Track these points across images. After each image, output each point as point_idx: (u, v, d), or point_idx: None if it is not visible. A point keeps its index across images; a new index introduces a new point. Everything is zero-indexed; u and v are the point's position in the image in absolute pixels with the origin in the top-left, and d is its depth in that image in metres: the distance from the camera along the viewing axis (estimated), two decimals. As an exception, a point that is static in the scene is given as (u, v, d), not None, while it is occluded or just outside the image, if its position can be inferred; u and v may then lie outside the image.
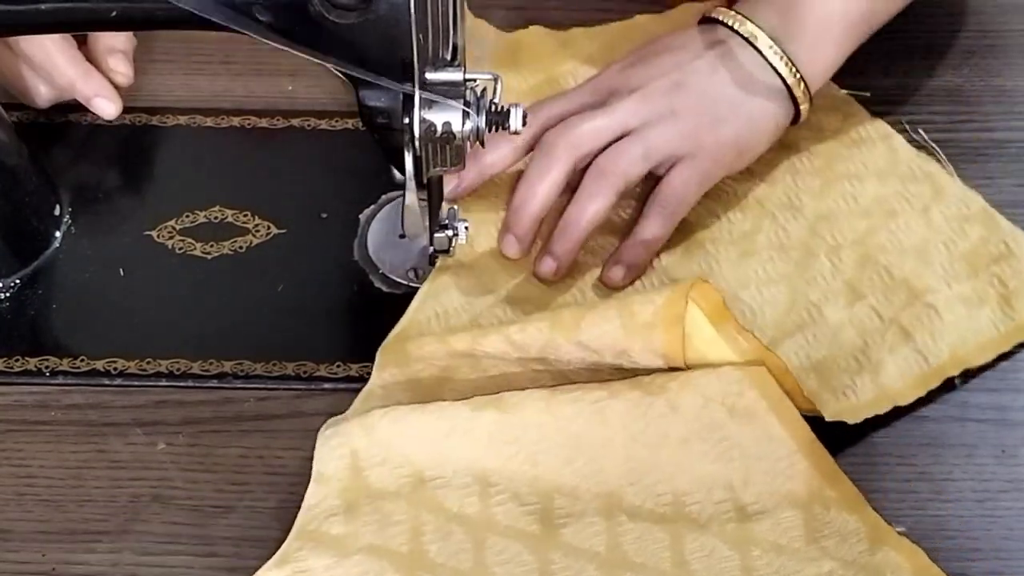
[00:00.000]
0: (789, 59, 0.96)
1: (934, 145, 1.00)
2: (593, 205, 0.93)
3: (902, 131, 1.02)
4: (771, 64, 0.96)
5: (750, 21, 0.96)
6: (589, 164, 0.94)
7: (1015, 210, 0.99)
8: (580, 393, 0.86)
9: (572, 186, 0.95)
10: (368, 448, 0.83)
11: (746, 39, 0.96)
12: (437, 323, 0.92)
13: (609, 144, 0.94)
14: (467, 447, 0.84)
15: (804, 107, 0.97)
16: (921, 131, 1.01)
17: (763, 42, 0.96)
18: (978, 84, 1.07)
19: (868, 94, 1.03)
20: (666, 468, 0.84)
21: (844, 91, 1.04)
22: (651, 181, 0.96)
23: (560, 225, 0.94)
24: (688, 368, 0.87)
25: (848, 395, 0.88)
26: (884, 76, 1.07)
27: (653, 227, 0.94)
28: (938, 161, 1.00)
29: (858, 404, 0.87)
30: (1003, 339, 0.91)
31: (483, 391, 0.87)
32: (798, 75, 0.96)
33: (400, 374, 0.88)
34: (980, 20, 1.10)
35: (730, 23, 0.97)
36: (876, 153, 1.01)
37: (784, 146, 1.00)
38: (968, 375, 0.90)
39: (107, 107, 0.99)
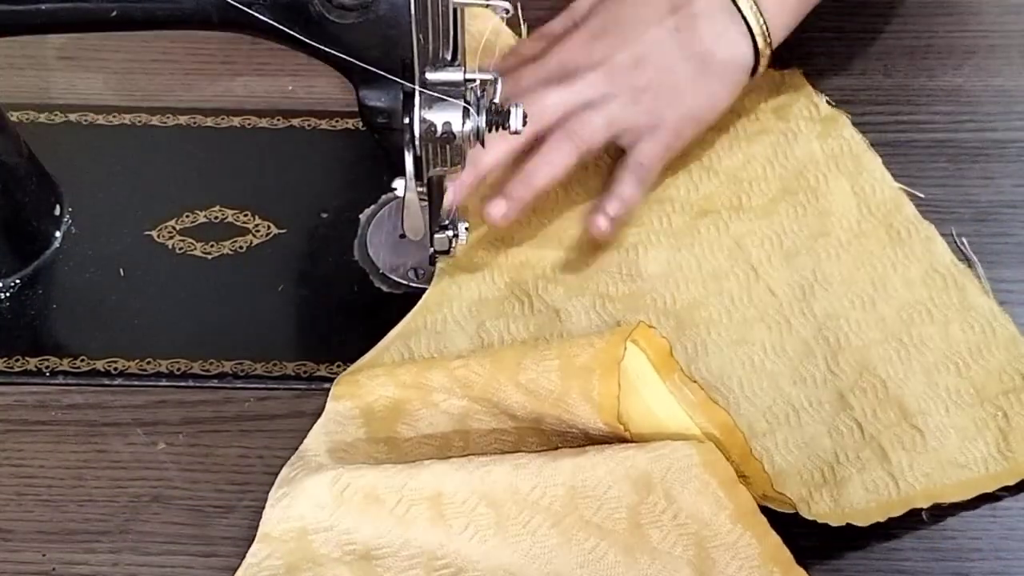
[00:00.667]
0: (759, 10, 0.97)
1: (975, 258, 0.95)
2: (556, 158, 0.94)
3: (947, 237, 0.96)
4: (742, 14, 0.97)
5: None
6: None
7: (1015, 210, 0.99)
8: (537, 471, 0.81)
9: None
10: (316, 512, 0.81)
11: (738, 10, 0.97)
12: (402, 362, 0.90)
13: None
14: (415, 521, 0.81)
15: (764, 63, 0.98)
16: (965, 241, 0.96)
17: (744, 3, 0.97)
18: (978, 84, 1.07)
19: (922, 195, 0.98)
20: (619, 554, 0.80)
21: (899, 185, 0.99)
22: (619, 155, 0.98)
23: (519, 173, 0.94)
24: (625, 427, 0.83)
25: (800, 508, 0.82)
26: (884, 76, 1.07)
27: (627, 186, 0.96)
28: (976, 276, 0.94)
29: (809, 514, 0.82)
30: (989, 479, 0.84)
31: (436, 427, 0.86)
32: (764, 27, 0.97)
33: (354, 406, 0.87)
34: (980, 20, 1.10)
35: None
36: (912, 254, 0.95)
37: (819, 233, 0.96)
38: (939, 512, 0.84)
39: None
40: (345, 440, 0.85)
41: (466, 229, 0.93)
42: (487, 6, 0.83)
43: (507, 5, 0.82)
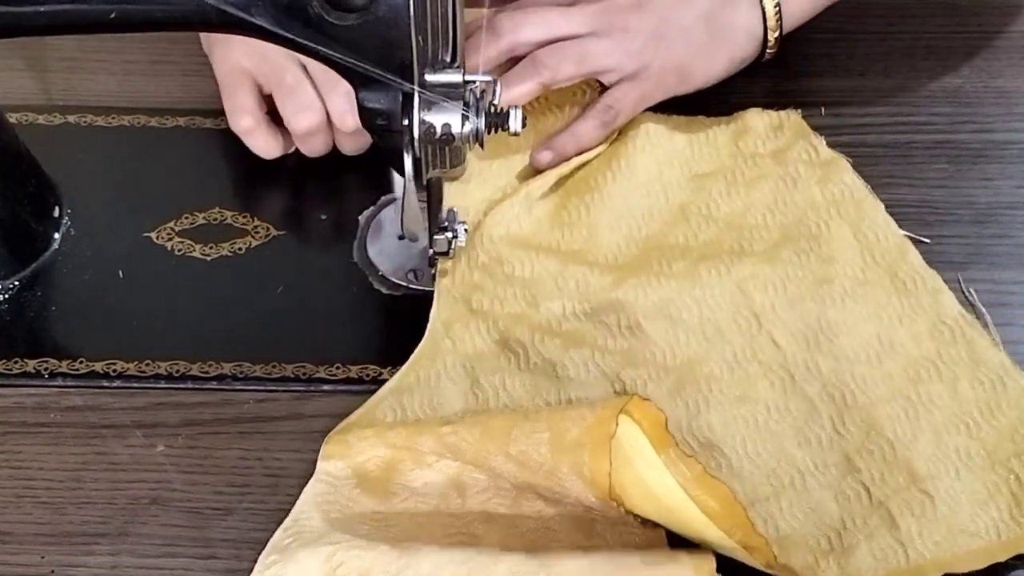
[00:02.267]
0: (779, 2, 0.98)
1: (983, 309, 0.92)
2: (516, 87, 0.96)
3: (954, 287, 0.93)
4: (761, 1, 0.98)
5: None
6: None
7: (1015, 212, 0.99)
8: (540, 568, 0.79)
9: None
10: None
11: None
12: (393, 421, 0.87)
13: (551, 43, 0.97)
14: None
15: (771, 50, 0.99)
16: (972, 291, 0.93)
17: None
18: (978, 85, 1.07)
19: (927, 240, 0.96)
20: None
21: (903, 232, 0.96)
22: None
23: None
24: (619, 502, 0.81)
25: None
26: (884, 77, 1.07)
27: (587, 126, 0.98)
28: (984, 325, 0.91)
29: None
30: (1002, 548, 0.81)
31: (432, 485, 0.84)
32: (779, 19, 0.98)
33: (345, 465, 0.84)
34: (981, 21, 1.10)
35: None
36: (919, 306, 0.91)
37: (822, 279, 0.93)
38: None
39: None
40: (339, 500, 0.83)
41: (465, 230, 0.92)
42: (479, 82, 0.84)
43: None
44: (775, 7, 0.98)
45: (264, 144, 1.00)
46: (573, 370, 0.89)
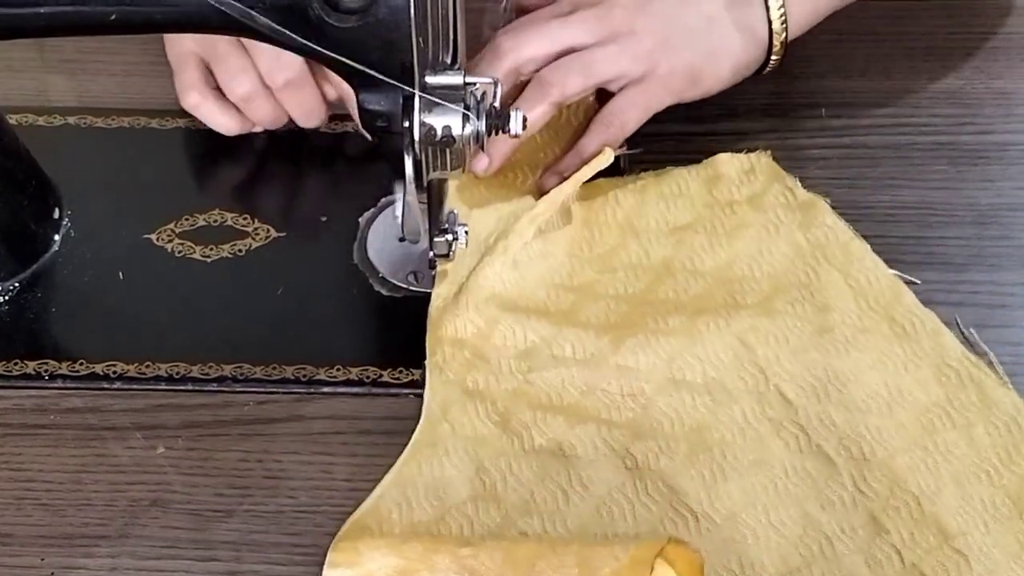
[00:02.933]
0: (784, 8, 0.97)
1: (985, 347, 0.90)
2: (529, 112, 0.92)
3: (951, 326, 0.91)
4: (767, 4, 0.97)
5: None
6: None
7: (1016, 213, 0.99)
8: None
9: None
10: None
11: None
12: (399, 516, 0.84)
13: (557, 57, 0.96)
14: None
15: (775, 59, 0.98)
16: (972, 331, 0.91)
17: None
18: (979, 86, 1.07)
19: (919, 281, 0.93)
20: None
21: (892, 272, 0.93)
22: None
23: None
24: None
25: None
26: (885, 78, 1.06)
27: (592, 143, 0.96)
28: (990, 364, 0.89)
29: None
30: None
31: None
32: (784, 23, 0.97)
33: (354, 575, 0.80)
34: (981, 22, 1.10)
35: None
36: (922, 350, 0.89)
37: (822, 329, 0.90)
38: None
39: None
40: None
41: (465, 232, 0.92)
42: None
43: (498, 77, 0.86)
44: (780, 11, 0.97)
45: (217, 119, 1.00)
46: (580, 448, 0.86)
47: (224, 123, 1.01)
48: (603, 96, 0.99)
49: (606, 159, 0.96)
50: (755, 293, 0.93)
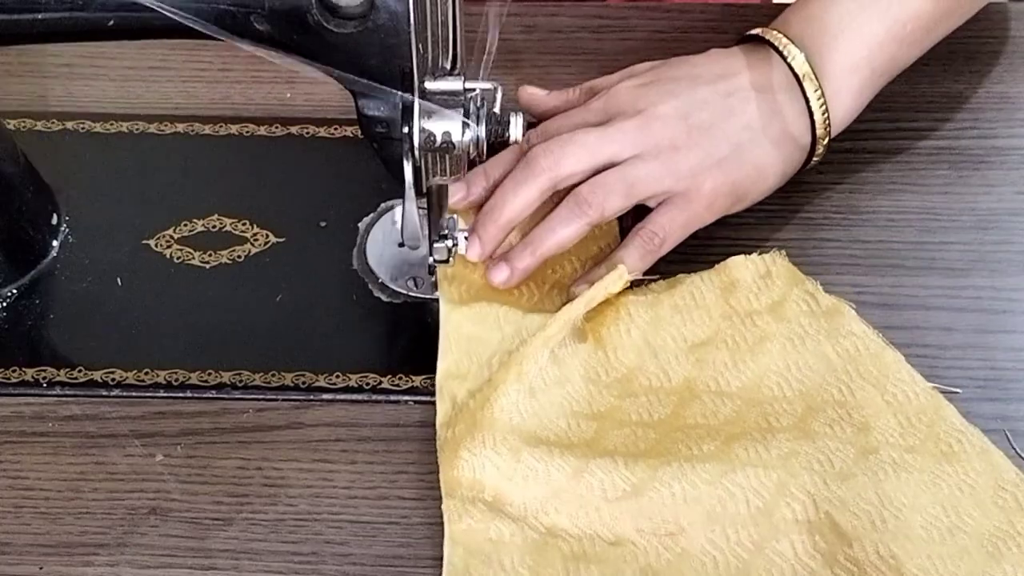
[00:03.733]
0: (823, 96, 0.93)
1: None
2: (563, 231, 0.91)
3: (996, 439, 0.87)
4: (810, 108, 0.93)
5: (800, 52, 0.93)
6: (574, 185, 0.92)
7: (1017, 218, 0.99)
8: None
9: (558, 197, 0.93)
10: None
11: (795, 75, 0.93)
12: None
13: (596, 171, 0.91)
14: None
15: (817, 158, 0.95)
16: (1017, 448, 0.86)
17: (809, 85, 0.93)
18: (980, 91, 1.07)
19: (959, 390, 0.89)
20: None
21: (931, 386, 0.88)
22: (641, 208, 0.93)
23: (526, 239, 0.92)
24: None
25: None
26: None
27: (630, 255, 0.92)
28: None
29: None
30: None
31: None
32: (828, 126, 0.94)
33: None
34: (982, 26, 1.10)
35: (780, 49, 0.94)
36: (973, 469, 0.83)
37: (866, 450, 0.84)
38: None
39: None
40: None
41: (465, 238, 0.92)
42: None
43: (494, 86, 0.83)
44: (823, 112, 0.93)
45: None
46: None
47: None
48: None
49: (621, 282, 0.91)
50: (789, 415, 0.87)
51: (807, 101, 0.94)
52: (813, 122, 0.94)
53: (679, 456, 0.84)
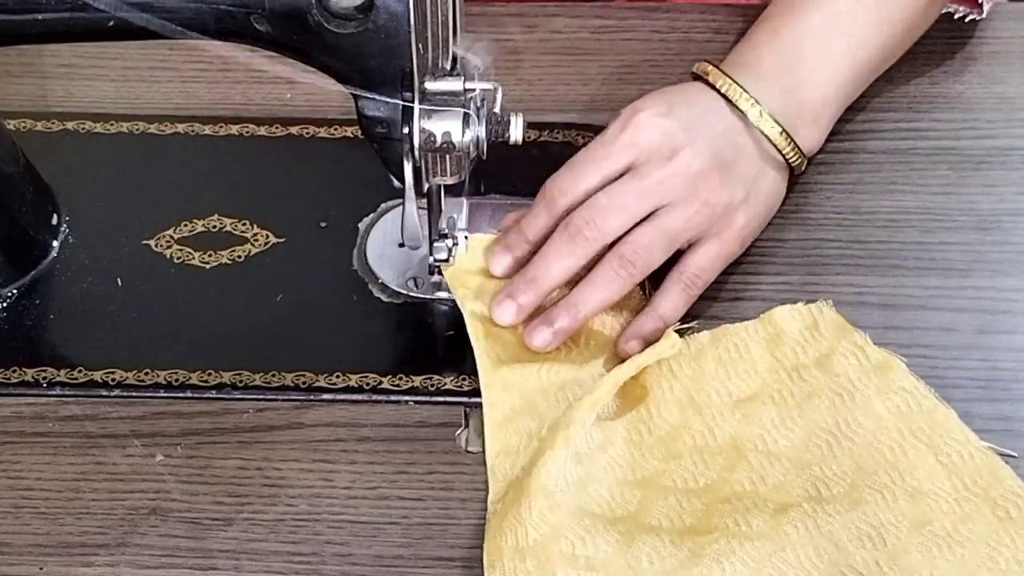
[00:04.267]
0: (795, 143, 0.95)
1: None
2: (607, 292, 0.90)
3: None
4: (778, 148, 0.95)
5: (757, 103, 0.94)
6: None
7: (1017, 218, 0.98)
8: None
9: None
10: None
11: (759, 130, 0.95)
12: None
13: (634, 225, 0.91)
14: None
15: (799, 172, 0.98)
16: None
17: (771, 129, 0.95)
18: (980, 91, 1.06)
19: (1015, 454, 0.86)
20: None
21: (986, 445, 0.85)
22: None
23: (567, 300, 0.90)
24: None
25: None
26: (886, 83, 1.06)
27: (672, 302, 0.91)
28: None
29: None
30: None
31: None
32: (799, 155, 0.96)
33: None
34: (982, 27, 1.10)
35: (740, 105, 0.95)
36: None
37: (919, 522, 0.82)
38: None
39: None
40: None
41: (465, 238, 0.92)
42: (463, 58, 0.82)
43: (479, 62, 0.82)
44: (795, 156, 0.96)
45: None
46: None
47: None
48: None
49: (674, 350, 0.89)
50: (839, 480, 0.84)
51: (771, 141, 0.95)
52: (788, 160, 0.96)
53: (727, 533, 0.82)
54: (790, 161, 0.96)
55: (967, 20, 1.08)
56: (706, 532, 0.82)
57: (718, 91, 0.95)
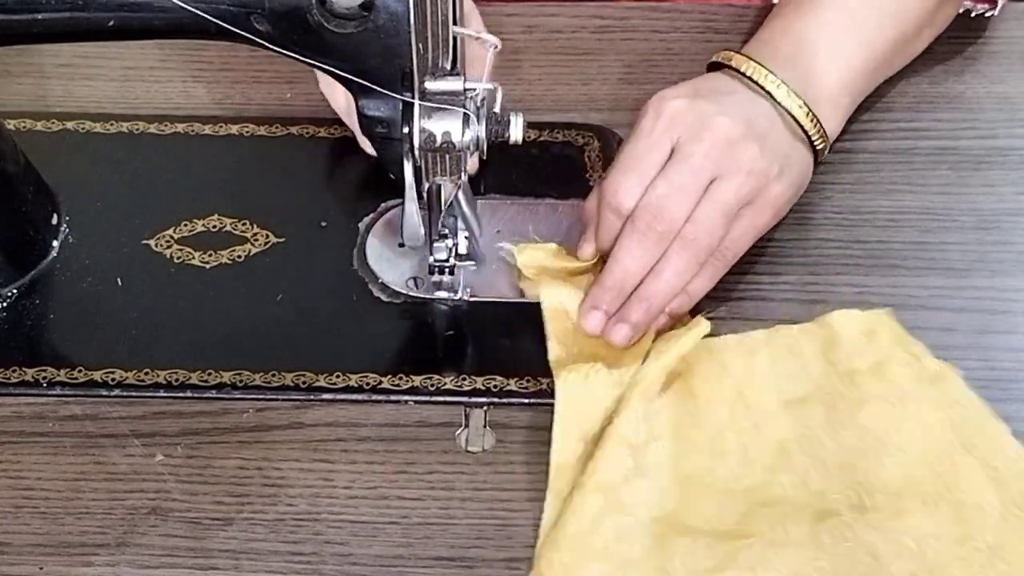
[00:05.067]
0: (819, 123, 0.96)
1: None
2: (677, 280, 0.90)
3: None
4: (803, 128, 0.96)
5: (784, 83, 0.95)
6: None
7: (1017, 218, 0.98)
8: None
9: None
10: None
11: (786, 109, 0.95)
12: None
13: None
14: None
15: (821, 157, 0.98)
16: None
17: (798, 109, 0.95)
18: (980, 91, 1.07)
19: None
20: None
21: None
22: None
23: (640, 294, 0.90)
24: None
25: None
26: (886, 82, 1.06)
27: (701, 280, 0.91)
28: None
29: None
30: None
31: None
32: (823, 137, 0.97)
33: None
34: (982, 27, 1.10)
35: (766, 86, 0.95)
36: None
37: (961, 538, 0.81)
38: None
39: None
40: None
41: (465, 238, 0.92)
42: (477, 38, 0.82)
43: (496, 40, 0.82)
44: (815, 126, 0.96)
45: None
46: None
47: None
48: None
49: (704, 330, 0.89)
50: (884, 491, 0.83)
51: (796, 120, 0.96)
52: (812, 142, 0.96)
53: (763, 539, 0.81)
54: (814, 143, 0.96)
55: (986, 16, 1.08)
56: (743, 536, 0.82)
57: (743, 74, 0.96)
